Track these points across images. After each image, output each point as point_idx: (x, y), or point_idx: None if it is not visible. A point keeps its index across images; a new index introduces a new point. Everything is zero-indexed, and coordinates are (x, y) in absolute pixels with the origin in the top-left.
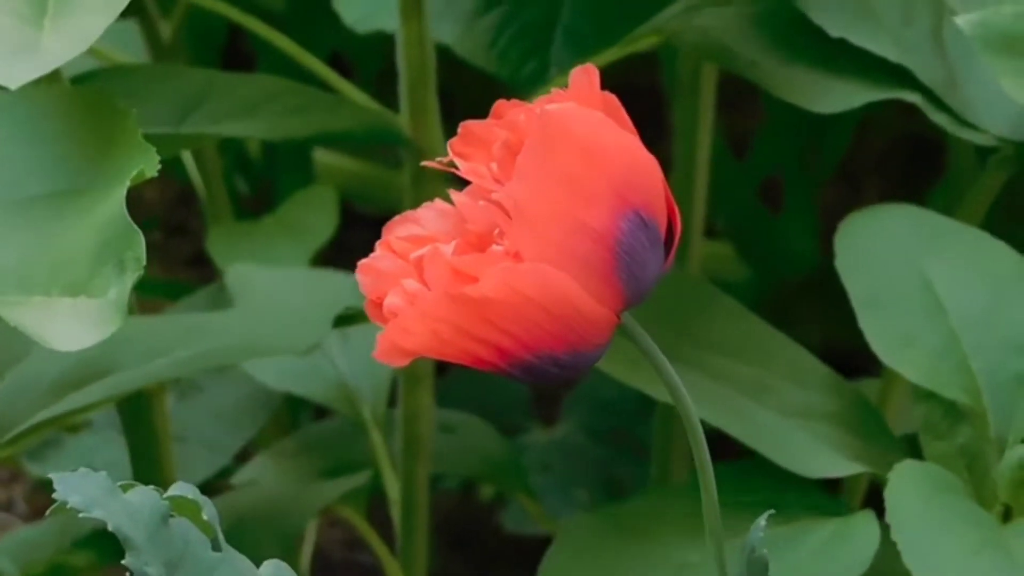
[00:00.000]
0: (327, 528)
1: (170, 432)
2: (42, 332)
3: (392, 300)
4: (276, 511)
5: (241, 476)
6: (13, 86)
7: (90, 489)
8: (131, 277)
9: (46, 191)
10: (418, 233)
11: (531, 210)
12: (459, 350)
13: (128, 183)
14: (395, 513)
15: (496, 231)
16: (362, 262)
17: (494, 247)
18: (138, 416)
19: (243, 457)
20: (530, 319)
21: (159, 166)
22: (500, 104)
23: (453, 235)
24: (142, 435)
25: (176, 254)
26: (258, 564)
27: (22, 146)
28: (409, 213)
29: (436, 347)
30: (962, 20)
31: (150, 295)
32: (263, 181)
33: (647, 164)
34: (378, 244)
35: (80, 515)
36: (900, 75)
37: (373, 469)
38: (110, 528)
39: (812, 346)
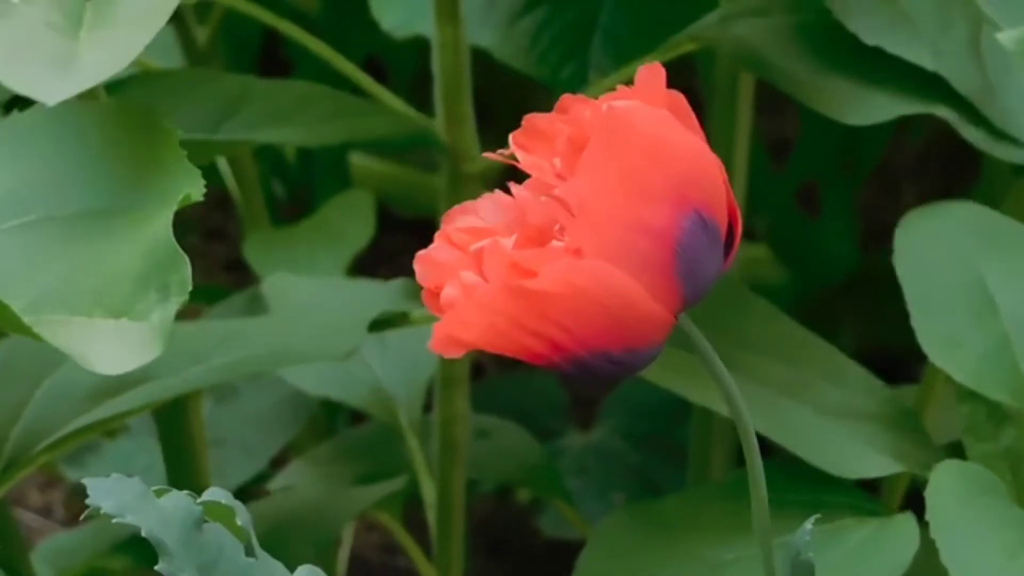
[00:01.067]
0: (364, 532)
1: (206, 437)
2: (83, 353)
3: (449, 291)
4: (312, 516)
5: (278, 481)
6: (51, 102)
7: (123, 495)
8: (176, 302)
9: (89, 208)
10: (477, 225)
11: (593, 207)
12: (515, 343)
13: (175, 207)
14: (431, 518)
15: (556, 226)
16: (420, 252)
17: (554, 243)
18: (174, 421)
19: (279, 462)
20: (587, 315)
21: (204, 189)
22: (566, 98)
23: (512, 228)
24: (177, 440)
25: (214, 258)
26: (294, 568)
27: (65, 162)
28: (468, 204)
29: (492, 339)
30: (1004, 36)
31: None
32: (299, 185)
33: (710, 164)
34: (437, 235)
35: (113, 520)
36: (935, 88)
37: (409, 474)
38: (143, 534)
39: (850, 349)
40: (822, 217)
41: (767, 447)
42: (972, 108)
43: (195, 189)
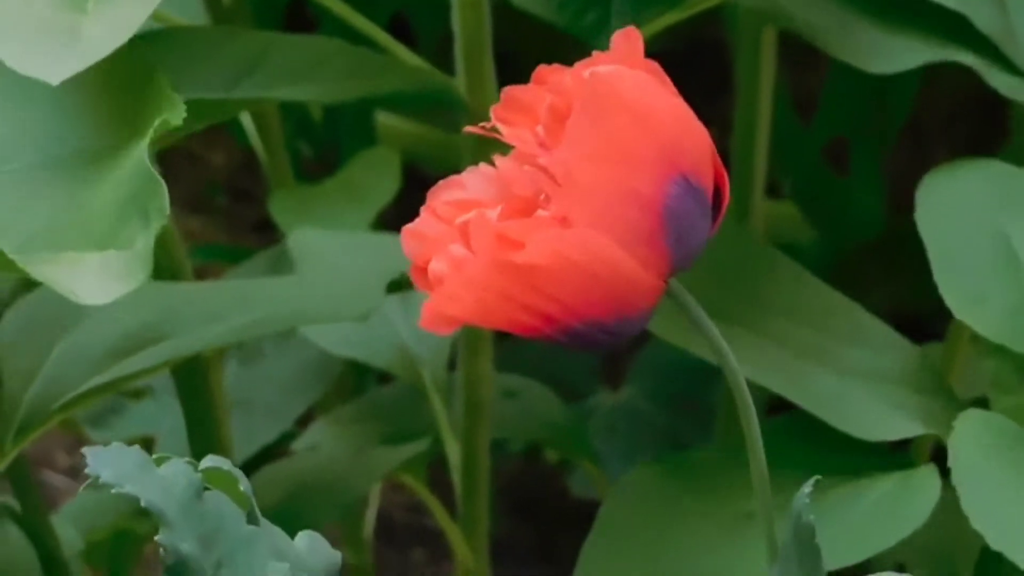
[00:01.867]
0: (391, 492)
1: (228, 398)
2: (72, 287)
3: (437, 265)
4: (337, 476)
5: (303, 441)
6: (55, 81)
7: (123, 464)
8: (155, 227)
9: (72, 150)
10: (463, 198)
11: (579, 176)
12: (505, 317)
13: (151, 133)
14: (455, 478)
15: (542, 196)
16: (407, 227)
17: (540, 212)
18: (194, 383)
19: (307, 422)
20: (577, 285)
21: (184, 114)
22: (542, 69)
23: (498, 200)
24: (198, 402)
25: (241, 219)
26: (318, 528)
27: (47, 107)
28: (454, 178)
29: (482, 314)
30: None
31: (216, 260)
32: (326, 145)
33: (694, 128)
34: (423, 209)
35: (112, 491)
36: (960, 36)
37: (434, 434)
38: (143, 504)
39: (879, 309)
40: (850, 176)
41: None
42: (998, 56)
43: (174, 115)
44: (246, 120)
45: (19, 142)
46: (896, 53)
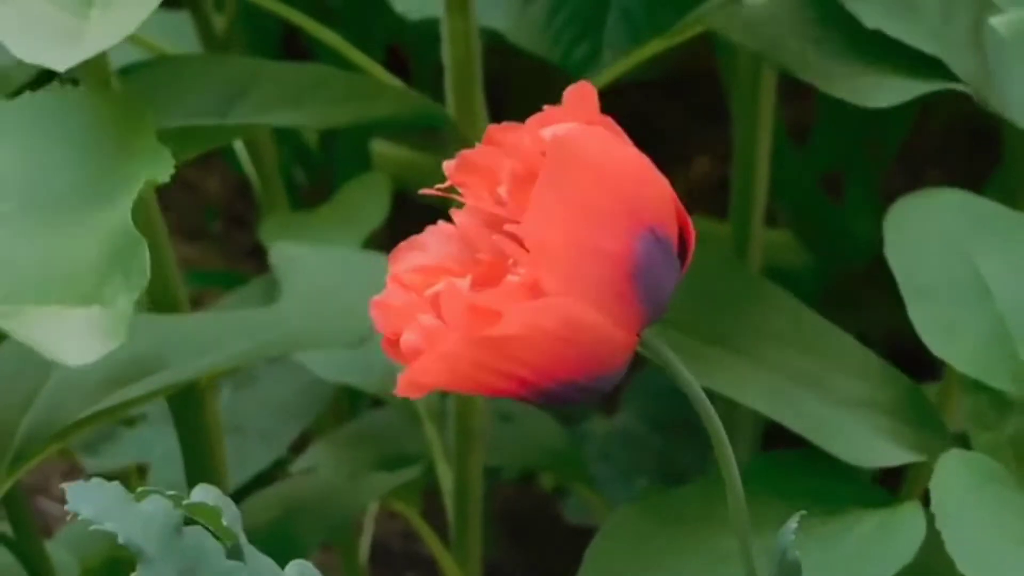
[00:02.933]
0: (386, 519)
1: (222, 425)
2: (53, 346)
3: (410, 338)
4: (329, 501)
5: (298, 466)
6: (60, 68)
7: (102, 500)
8: (136, 288)
9: (55, 196)
10: (426, 263)
11: (549, 240)
12: (479, 383)
13: (137, 191)
14: (449, 505)
15: (510, 260)
16: (375, 299)
17: (510, 277)
18: (189, 410)
19: (301, 448)
20: (551, 351)
21: (173, 171)
22: (493, 129)
23: (461, 261)
24: (193, 429)
25: (236, 245)
26: (311, 547)
27: (36, 151)
28: (415, 239)
29: (455, 381)
30: (997, 21)
31: (210, 286)
32: (321, 173)
33: (655, 179)
34: (388, 278)
35: (91, 528)
36: (943, 73)
37: (427, 460)
38: (120, 540)
39: (874, 334)
40: (846, 202)
41: (791, 439)
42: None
43: (161, 172)
44: (239, 147)
45: (3, 186)
46: (891, 87)
